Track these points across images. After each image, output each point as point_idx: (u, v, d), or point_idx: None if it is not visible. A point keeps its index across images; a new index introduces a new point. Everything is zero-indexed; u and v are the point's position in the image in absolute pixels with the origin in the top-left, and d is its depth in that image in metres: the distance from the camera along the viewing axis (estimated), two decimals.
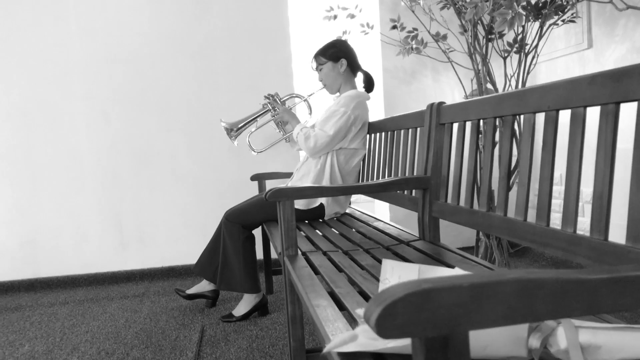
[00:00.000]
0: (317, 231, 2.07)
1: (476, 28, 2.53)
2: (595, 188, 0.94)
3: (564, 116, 1.10)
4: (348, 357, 0.78)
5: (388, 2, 3.21)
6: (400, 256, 1.54)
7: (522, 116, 1.20)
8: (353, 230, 2.03)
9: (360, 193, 1.77)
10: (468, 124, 1.53)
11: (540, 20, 2.31)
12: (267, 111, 2.54)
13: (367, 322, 0.44)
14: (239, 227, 2.30)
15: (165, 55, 3.13)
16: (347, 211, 2.50)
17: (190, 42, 3.14)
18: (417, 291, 0.43)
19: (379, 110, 3.33)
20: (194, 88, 3.17)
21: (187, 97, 3.17)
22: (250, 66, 3.19)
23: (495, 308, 0.44)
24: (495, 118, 1.34)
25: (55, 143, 3.10)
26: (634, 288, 0.47)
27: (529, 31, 2.52)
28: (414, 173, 1.85)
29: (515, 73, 2.54)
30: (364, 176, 2.44)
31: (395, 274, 0.92)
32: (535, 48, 2.47)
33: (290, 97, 2.65)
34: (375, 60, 3.34)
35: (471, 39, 2.55)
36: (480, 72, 2.59)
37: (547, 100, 1.07)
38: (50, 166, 3.11)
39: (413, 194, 1.86)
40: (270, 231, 2.11)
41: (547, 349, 0.74)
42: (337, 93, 2.46)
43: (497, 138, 2.07)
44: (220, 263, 2.35)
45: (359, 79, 2.48)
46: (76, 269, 3.16)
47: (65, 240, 3.15)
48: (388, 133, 2.18)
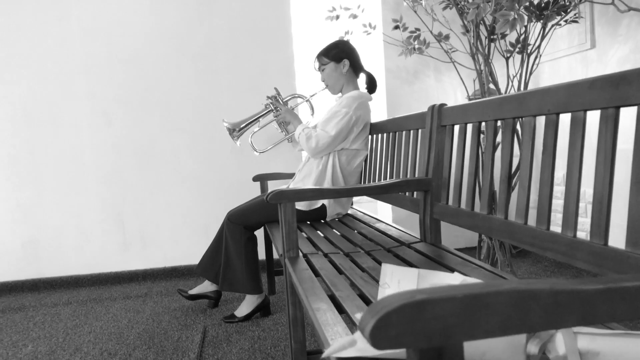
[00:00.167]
0: (319, 232, 2.07)
1: (478, 28, 2.53)
2: (595, 192, 0.93)
3: (566, 116, 1.09)
4: None
5: (390, 2, 3.20)
6: (401, 258, 1.54)
7: (523, 119, 1.20)
8: (354, 231, 2.03)
9: (360, 195, 1.77)
10: (469, 126, 1.52)
11: (542, 21, 2.30)
12: (270, 111, 2.54)
13: (362, 333, 0.44)
14: (241, 228, 2.30)
15: (167, 55, 3.14)
16: (349, 212, 2.50)
17: (192, 43, 3.14)
18: (411, 302, 0.43)
19: (382, 110, 3.32)
20: (196, 88, 3.17)
21: (189, 98, 3.17)
22: (252, 66, 3.19)
23: (489, 319, 0.44)
24: (495, 121, 1.34)
25: (57, 143, 3.11)
26: (630, 298, 0.47)
27: (532, 31, 2.51)
28: (415, 175, 1.85)
29: (517, 73, 2.54)
30: (366, 177, 2.43)
31: (394, 279, 0.92)
32: (537, 48, 2.46)
33: (292, 98, 2.65)
34: (377, 60, 3.34)
35: (473, 39, 2.54)
36: (482, 73, 2.58)
37: (547, 103, 1.07)
38: (52, 166, 3.12)
39: (414, 196, 1.85)
40: (272, 232, 2.11)
41: (546, 355, 0.74)
42: (339, 94, 2.46)
43: (500, 139, 2.07)
44: (222, 264, 2.35)
45: (362, 80, 2.47)
46: (79, 269, 3.17)
47: (68, 240, 3.16)
48: (390, 134, 2.18)
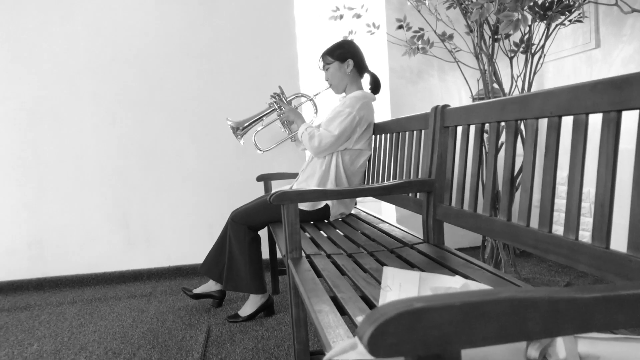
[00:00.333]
0: (322, 232, 2.07)
1: (482, 28, 2.52)
2: (597, 196, 0.93)
3: (569, 117, 1.09)
4: None
5: (394, 2, 3.20)
6: (403, 259, 1.54)
7: (525, 121, 1.20)
8: (358, 232, 2.03)
9: (363, 196, 1.77)
10: (472, 128, 1.52)
11: (546, 21, 2.30)
12: (273, 110, 2.54)
13: (360, 341, 0.44)
14: (245, 228, 2.31)
15: (171, 55, 3.15)
16: (353, 212, 2.50)
17: (196, 43, 3.15)
18: (409, 310, 0.43)
19: (385, 109, 3.32)
20: (200, 88, 3.18)
21: (193, 98, 3.18)
22: (256, 66, 3.19)
23: (487, 327, 0.44)
24: (498, 122, 1.34)
25: (62, 143, 3.13)
26: (628, 307, 0.47)
27: (536, 31, 2.50)
28: (419, 175, 1.85)
29: (521, 73, 2.53)
30: (370, 177, 2.44)
31: (396, 282, 0.92)
32: (542, 48, 2.45)
33: (296, 97, 2.65)
34: (381, 60, 3.33)
35: (477, 39, 2.54)
36: (486, 72, 2.58)
37: (550, 106, 1.07)
38: (57, 166, 3.13)
39: (417, 197, 1.86)
40: (275, 232, 2.12)
41: (547, 359, 0.74)
42: (343, 93, 2.46)
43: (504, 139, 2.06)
44: (226, 264, 2.36)
45: (366, 80, 2.47)
46: (84, 269, 3.19)
47: (72, 239, 3.18)
48: (393, 134, 2.18)
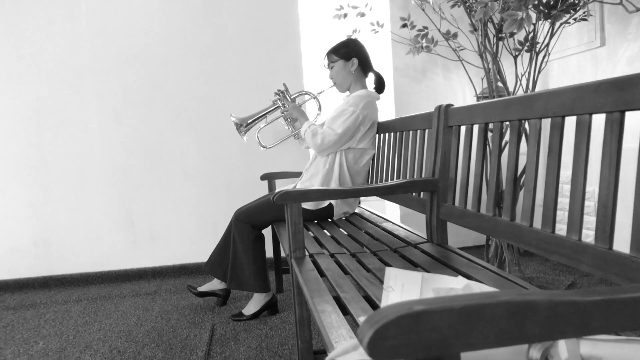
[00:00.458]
0: (326, 231, 2.07)
1: (486, 27, 2.51)
2: (600, 197, 0.93)
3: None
4: None
5: (398, 1, 3.19)
6: (407, 259, 1.54)
7: (529, 121, 1.19)
8: (361, 231, 2.03)
9: (366, 195, 1.77)
10: (475, 127, 1.52)
11: (550, 20, 2.29)
12: (277, 107, 2.54)
13: (360, 344, 0.44)
14: (249, 227, 2.32)
15: (175, 54, 3.15)
16: (357, 211, 2.50)
17: (200, 42, 3.16)
18: (409, 313, 0.43)
19: (390, 108, 3.32)
20: (204, 87, 3.18)
21: (197, 96, 3.19)
22: (260, 65, 3.20)
23: (486, 330, 0.44)
24: (502, 122, 1.33)
25: (67, 142, 3.14)
26: (627, 310, 0.47)
27: (540, 29, 2.49)
28: (422, 175, 1.85)
29: (526, 72, 2.52)
30: (373, 176, 2.43)
31: (398, 282, 0.92)
32: (546, 46, 2.44)
33: (300, 94, 2.66)
34: (385, 58, 3.33)
35: (481, 38, 2.53)
36: (490, 71, 2.57)
37: (553, 106, 1.06)
38: (62, 165, 3.15)
39: (421, 196, 1.85)
40: (279, 231, 2.12)
41: None
42: (347, 92, 2.46)
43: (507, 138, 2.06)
44: (230, 262, 2.37)
45: (370, 80, 2.47)
46: (89, 267, 3.20)
47: (78, 238, 3.19)
48: (397, 134, 2.18)
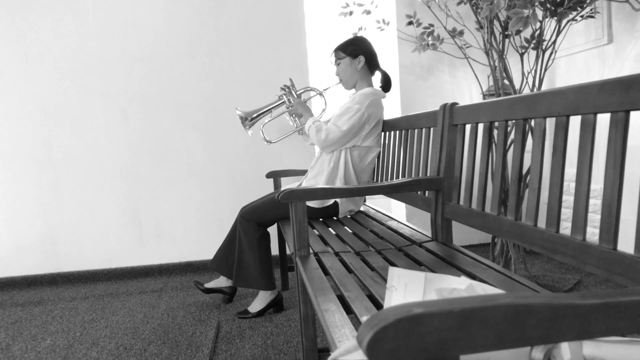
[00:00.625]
0: (331, 230, 2.08)
1: (492, 24, 2.50)
2: (604, 197, 0.93)
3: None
4: None
5: None
6: (411, 258, 1.54)
7: (533, 121, 1.19)
8: (366, 229, 2.03)
9: (371, 194, 1.77)
10: (480, 126, 1.52)
11: (557, 18, 2.27)
12: (282, 103, 2.55)
13: (360, 346, 0.45)
14: (254, 225, 2.32)
15: (181, 52, 3.16)
16: (362, 209, 2.50)
17: (205, 39, 3.16)
18: (408, 316, 0.43)
19: (396, 106, 3.31)
20: (210, 85, 3.19)
21: (203, 94, 3.20)
22: (265, 63, 3.20)
23: (485, 333, 0.44)
24: (506, 121, 1.33)
25: (74, 140, 3.16)
26: (627, 313, 0.47)
27: (547, 27, 2.48)
28: (427, 173, 1.85)
29: (532, 69, 2.51)
30: (379, 174, 2.43)
31: (401, 282, 0.92)
32: (553, 44, 2.43)
33: (305, 90, 2.66)
34: (391, 56, 3.32)
35: (487, 35, 2.52)
36: (496, 69, 2.56)
37: (557, 105, 1.06)
38: (69, 163, 3.17)
39: (426, 195, 1.85)
40: (284, 229, 2.13)
41: None
42: (353, 89, 2.46)
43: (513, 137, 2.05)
44: (236, 260, 2.37)
45: (377, 78, 2.47)
46: (96, 264, 3.23)
47: (85, 235, 3.22)
48: (402, 132, 2.18)
